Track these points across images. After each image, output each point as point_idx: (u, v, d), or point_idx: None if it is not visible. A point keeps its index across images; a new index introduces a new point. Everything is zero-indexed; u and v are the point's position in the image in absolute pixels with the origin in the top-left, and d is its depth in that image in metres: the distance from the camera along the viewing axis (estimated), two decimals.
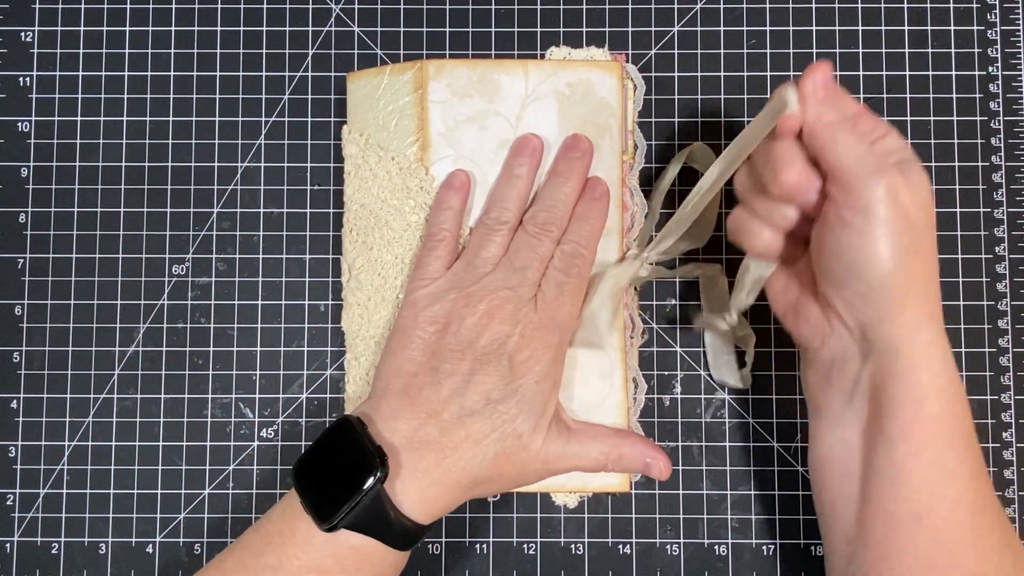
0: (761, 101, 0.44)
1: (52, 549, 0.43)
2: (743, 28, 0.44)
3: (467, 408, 0.34)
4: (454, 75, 0.39)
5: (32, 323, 0.44)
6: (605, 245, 0.39)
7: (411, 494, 0.34)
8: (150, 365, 0.44)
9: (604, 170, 0.39)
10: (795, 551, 0.42)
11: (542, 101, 0.39)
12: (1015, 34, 0.44)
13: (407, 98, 0.39)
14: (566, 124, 0.39)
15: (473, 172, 0.39)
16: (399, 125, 0.40)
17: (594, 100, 0.40)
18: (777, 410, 0.43)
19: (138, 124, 0.44)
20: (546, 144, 0.39)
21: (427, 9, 0.45)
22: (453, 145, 0.39)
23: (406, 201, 0.39)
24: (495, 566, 0.43)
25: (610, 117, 0.40)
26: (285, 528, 0.34)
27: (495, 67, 0.39)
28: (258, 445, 0.43)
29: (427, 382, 0.35)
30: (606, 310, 0.38)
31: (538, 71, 0.39)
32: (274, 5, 0.45)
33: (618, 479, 0.40)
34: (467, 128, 0.39)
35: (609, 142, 0.39)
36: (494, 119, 0.39)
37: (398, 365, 0.35)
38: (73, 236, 0.44)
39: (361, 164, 0.40)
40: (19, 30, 0.45)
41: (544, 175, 0.39)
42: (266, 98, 0.45)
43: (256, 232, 0.44)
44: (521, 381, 0.35)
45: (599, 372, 0.39)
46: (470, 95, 0.39)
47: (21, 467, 0.43)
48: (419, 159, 0.39)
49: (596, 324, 0.38)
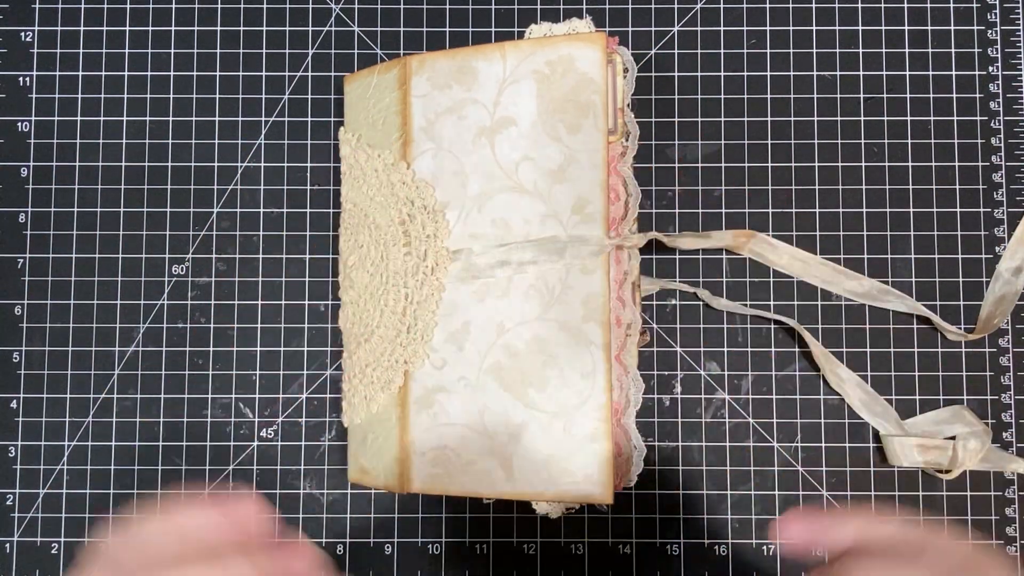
0: (761, 101, 0.44)
1: (52, 549, 0.43)
2: (743, 28, 0.44)
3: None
4: (435, 68, 0.38)
5: (32, 323, 0.44)
6: (585, 232, 0.37)
7: None
8: (150, 365, 0.44)
9: (587, 152, 0.37)
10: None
11: (520, 84, 0.37)
12: (1015, 34, 0.44)
13: (392, 95, 0.39)
14: (545, 105, 0.37)
15: (452, 164, 0.38)
16: (386, 122, 0.39)
17: (576, 77, 0.37)
18: (777, 410, 0.43)
19: (138, 124, 0.44)
20: (523, 127, 0.37)
21: (427, 9, 0.45)
22: (433, 138, 0.38)
23: (390, 197, 0.39)
24: (495, 566, 0.43)
25: (593, 93, 0.37)
26: None
27: (473, 54, 0.38)
28: (258, 445, 0.43)
29: None
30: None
31: (516, 52, 0.38)
32: (274, 5, 0.45)
33: (600, 489, 0.36)
34: (446, 120, 0.38)
35: (593, 120, 0.37)
36: (471, 107, 0.38)
37: None
38: (73, 236, 0.44)
39: (353, 164, 0.40)
40: (19, 30, 0.45)
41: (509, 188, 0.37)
42: (266, 98, 0.44)
43: (256, 232, 0.44)
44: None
45: (580, 371, 0.37)
46: (449, 86, 0.38)
47: (21, 467, 0.43)
48: (402, 155, 0.39)
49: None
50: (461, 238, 0.38)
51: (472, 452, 0.37)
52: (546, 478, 0.37)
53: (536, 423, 0.37)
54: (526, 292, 0.37)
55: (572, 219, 0.37)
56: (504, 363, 0.37)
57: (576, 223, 0.37)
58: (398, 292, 0.39)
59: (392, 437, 0.39)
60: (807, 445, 0.43)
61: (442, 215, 0.38)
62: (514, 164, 0.37)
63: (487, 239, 0.38)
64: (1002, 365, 0.43)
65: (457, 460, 0.37)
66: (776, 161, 0.44)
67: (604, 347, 0.37)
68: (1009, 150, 0.44)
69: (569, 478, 0.37)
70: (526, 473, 0.37)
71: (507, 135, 0.38)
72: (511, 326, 0.37)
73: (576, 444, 0.37)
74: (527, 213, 0.37)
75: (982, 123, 0.44)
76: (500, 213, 0.37)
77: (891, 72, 0.44)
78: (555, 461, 0.37)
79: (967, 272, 0.43)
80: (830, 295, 0.43)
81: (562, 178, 0.37)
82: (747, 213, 0.44)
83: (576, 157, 0.37)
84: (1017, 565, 0.27)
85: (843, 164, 0.44)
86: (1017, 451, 0.43)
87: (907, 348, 0.43)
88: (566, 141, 0.37)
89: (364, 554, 0.42)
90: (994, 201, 0.44)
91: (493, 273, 0.37)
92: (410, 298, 0.38)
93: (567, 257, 0.37)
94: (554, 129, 0.37)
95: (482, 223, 0.38)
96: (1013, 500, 0.42)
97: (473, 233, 0.38)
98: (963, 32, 0.44)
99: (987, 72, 0.44)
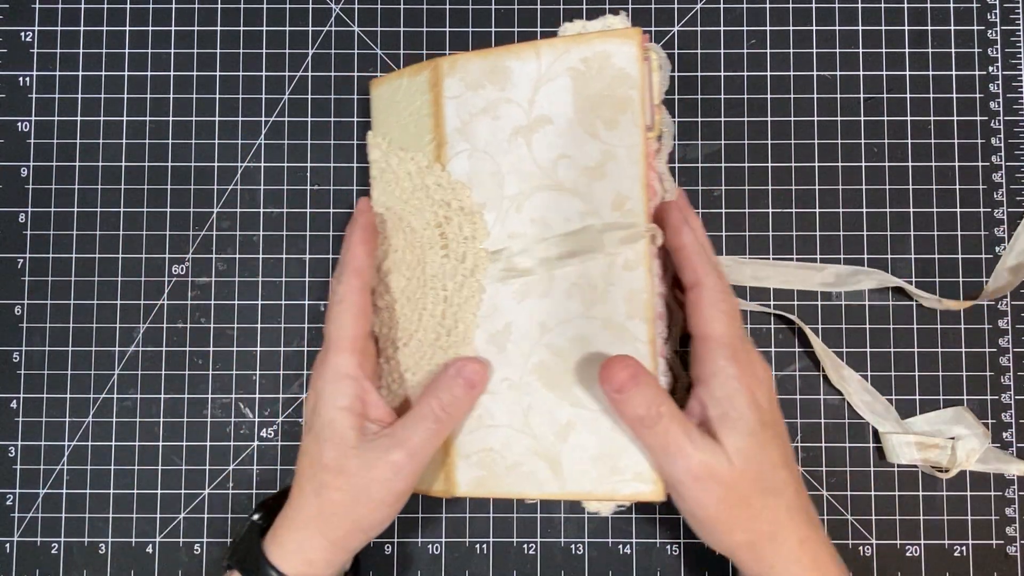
0: (761, 101, 0.44)
1: (52, 549, 0.43)
2: (743, 28, 0.44)
3: (299, 471, 0.37)
4: (467, 68, 0.38)
5: (32, 323, 0.44)
6: (621, 219, 0.36)
7: (286, 545, 0.36)
8: (150, 365, 0.44)
9: (625, 148, 0.36)
10: None
11: (555, 81, 0.37)
12: (1015, 34, 0.44)
13: (424, 97, 0.39)
14: (582, 102, 0.37)
15: (488, 165, 0.38)
16: (418, 125, 0.39)
17: (611, 72, 0.37)
18: None
19: (138, 124, 0.44)
20: (560, 125, 0.37)
21: (427, 9, 0.45)
22: (468, 139, 0.38)
23: (425, 200, 0.39)
24: (495, 566, 0.43)
25: (630, 88, 0.36)
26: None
27: (506, 53, 0.38)
28: (258, 445, 0.43)
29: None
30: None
31: (550, 50, 0.37)
32: (274, 5, 0.45)
33: (651, 487, 0.36)
34: (481, 120, 0.38)
35: (631, 116, 0.36)
36: (506, 107, 0.38)
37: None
38: (73, 236, 0.44)
39: (384, 168, 0.40)
40: (19, 30, 0.45)
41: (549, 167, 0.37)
42: (266, 98, 0.45)
43: (256, 232, 0.44)
44: (307, 419, 0.37)
45: None
46: (483, 86, 0.38)
47: (21, 467, 0.43)
48: (436, 157, 0.38)
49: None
50: (500, 239, 0.37)
51: (518, 453, 0.37)
52: (595, 477, 0.36)
53: (583, 422, 0.36)
54: (568, 291, 0.37)
55: (612, 215, 0.36)
56: (548, 363, 0.37)
57: (616, 219, 0.36)
58: (437, 295, 0.38)
59: None
60: (807, 445, 0.43)
61: (480, 216, 0.38)
62: (552, 162, 0.37)
63: (526, 238, 0.37)
64: (1002, 365, 0.43)
65: (502, 462, 0.37)
66: (776, 161, 0.44)
67: (649, 343, 0.36)
68: (1009, 150, 0.44)
69: (618, 476, 0.36)
70: (574, 473, 0.36)
71: (544, 133, 0.37)
72: (553, 325, 0.37)
73: (625, 442, 0.36)
74: (566, 211, 0.37)
75: (982, 123, 0.44)
76: (539, 212, 0.37)
77: (891, 72, 0.44)
78: (604, 460, 0.36)
79: (967, 272, 0.43)
80: (830, 295, 0.43)
81: (601, 175, 0.37)
82: (747, 213, 0.44)
83: (614, 153, 0.36)
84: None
85: (843, 164, 0.44)
86: (1017, 451, 0.43)
87: (907, 348, 0.43)
88: (604, 138, 0.37)
89: (364, 554, 0.42)
90: (994, 201, 0.44)
91: (533, 271, 0.37)
92: (449, 301, 0.38)
93: (606, 245, 0.36)
94: (591, 126, 0.37)
95: (521, 223, 0.37)
96: (1013, 500, 0.42)
97: (512, 233, 0.37)
98: (963, 32, 0.44)
99: (987, 72, 0.44)
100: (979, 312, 0.43)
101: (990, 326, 0.43)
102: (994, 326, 0.43)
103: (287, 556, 0.35)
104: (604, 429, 0.36)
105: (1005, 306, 0.43)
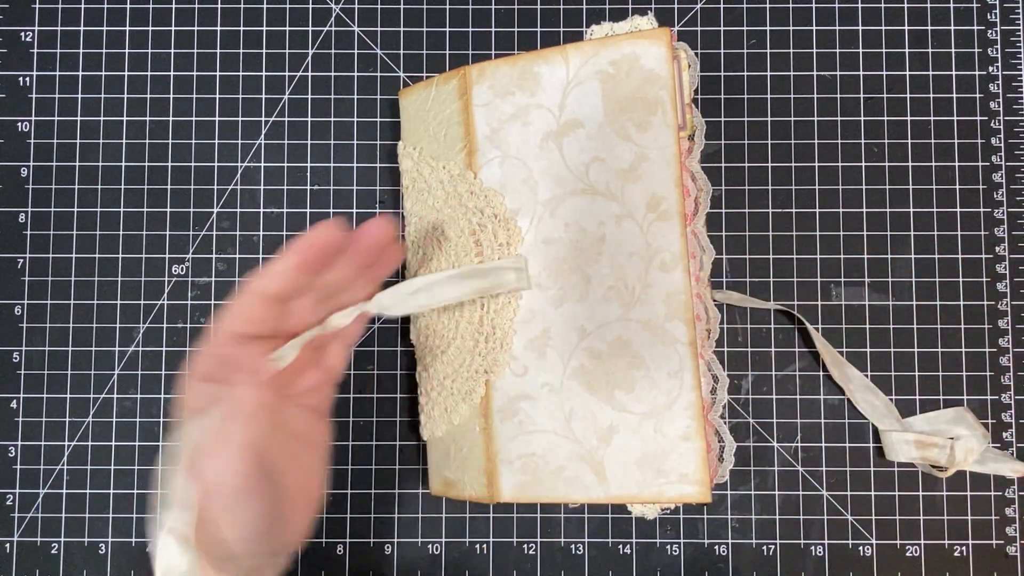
0: (761, 101, 0.44)
1: (52, 549, 0.43)
2: (743, 28, 0.44)
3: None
4: (496, 75, 0.38)
5: (32, 323, 0.44)
6: (664, 230, 0.36)
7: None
8: (150, 365, 0.44)
9: (658, 148, 0.36)
10: (795, 551, 0.42)
11: (584, 85, 0.37)
12: (1015, 34, 0.44)
13: (453, 106, 0.39)
14: (612, 104, 0.37)
15: (520, 171, 0.38)
16: (448, 134, 0.39)
17: (641, 74, 0.36)
18: (777, 410, 0.43)
19: (138, 124, 0.44)
20: (591, 129, 0.37)
21: (427, 9, 0.45)
22: (499, 146, 0.38)
23: (458, 208, 0.39)
24: (495, 566, 0.43)
25: (660, 89, 0.36)
26: None
27: (535, 59, 0.38)
28: None
29: None
30: (292, 354, 0.33)
31: (578, 54, 0.37)
32: (274, 5, 0.45)
33: (697, 488, 0.36)
34: (511, 126, 0.38)
35: (661, 117, 0.36)
36: (536, 112, 0.38)
37: None
38: (73, 236, 0.44)
39: (416, 177, 0.40)
40: (19, 30, 0.45)
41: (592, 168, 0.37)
42: (266, 98, 0.45)
43: (256, 232, 0.44)
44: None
45: (667, 371, 0.36)
46: (512, 92, 0.38)
47: (21, 467, 0.43)
48: (467, 165, 0.38)
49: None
50: (534, 244, 0.37)
51: (561, 458, 0.37)
52: (640, 480, 0.36)
53: (626, 425, 0.36)
54: (605, 294, 0.37)
55: (648, 217, 0.36)
56: (588, 367, 0.37)
57: (652, 221, 0.36)
58: (473, 302, 0.38)
59: (478, 447, 0.38)
60: (807, 445, 0.43)
61: (514, 222, 0.38)
62: (584, 166, 0.37)
63: (561, 243, 0.37)
64: (1002, 365, 0.43)
65: (546, 467, 0.37)
66: (776, 161, 0.44)
67: (690, 344, 0.36)
68: (1009, 150, 0.44)
69: (663, 479, 0.36)
70: (618, 476, 0.37)
71: (575, 137, 0.37)
72: (592, 329, 0.37)
73: (669, 444, 0.36)
74: (601, 214, 0.37)
75: (982, 123, 0.44)
76: (573, 216, 0.37)
77: (891, 72, 0.44)
78: (648, 462, 0.36)
79: (967, 272, 0.43)
80: (830, 295, 0.43)
81: (634, 177, 0.37)
82: (747, 213, 0.44)
83: (647, 155, 0.36)
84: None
85: (843, 164, 0.44)
86: (1017, 451, 0.43)
87: (907, 348, 0.43)
88: (636, 139, 0.37)
89: (364, 554, 0.42)
90: (994, 201, 0.44)
91: (570, 276, 0.37)
92: (486, 307, 0.38)
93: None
94: (623, 128, 0.37)
95: (555, 227, 0.37)
96: (1013, 500, 0.42)
97: (547, 238, 0.37)
98: (963, 32, 0.44)
99: (987, 72, 0.44)
100: (979, 312, 0.43)
101: (990, 326, 0.43)
102: (994, 326, 0.43)
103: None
104: (647, 432, 0.36)
105: (1005, 306, 0.43)
